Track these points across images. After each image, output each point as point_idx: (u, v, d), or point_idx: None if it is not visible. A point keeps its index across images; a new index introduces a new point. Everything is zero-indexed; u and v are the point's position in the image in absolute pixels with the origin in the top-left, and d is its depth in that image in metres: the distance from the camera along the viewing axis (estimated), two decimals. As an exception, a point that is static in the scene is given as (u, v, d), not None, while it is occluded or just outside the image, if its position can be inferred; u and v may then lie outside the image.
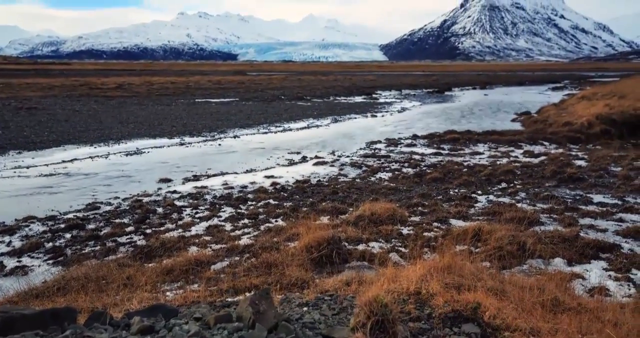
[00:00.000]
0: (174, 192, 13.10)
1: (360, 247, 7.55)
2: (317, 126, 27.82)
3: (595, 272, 6.50)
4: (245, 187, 13.62)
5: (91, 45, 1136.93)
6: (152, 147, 20.13)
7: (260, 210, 11.14)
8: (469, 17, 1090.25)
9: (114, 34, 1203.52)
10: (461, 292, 4.46)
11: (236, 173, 15.60)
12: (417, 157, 17.78)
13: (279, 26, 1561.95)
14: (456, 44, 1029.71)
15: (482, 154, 18.23)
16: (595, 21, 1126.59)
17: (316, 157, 18.14)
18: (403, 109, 38.71)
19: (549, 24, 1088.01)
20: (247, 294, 5.05)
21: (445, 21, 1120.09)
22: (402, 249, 7.60)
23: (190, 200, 12.17)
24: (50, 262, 8.22)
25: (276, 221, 10.15)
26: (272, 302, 4.02)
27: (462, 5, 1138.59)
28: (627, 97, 29.21)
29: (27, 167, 16.08)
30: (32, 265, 8.08)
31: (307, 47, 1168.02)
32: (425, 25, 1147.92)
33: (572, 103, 33.61)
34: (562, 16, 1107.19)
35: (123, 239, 9.28)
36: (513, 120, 30.42)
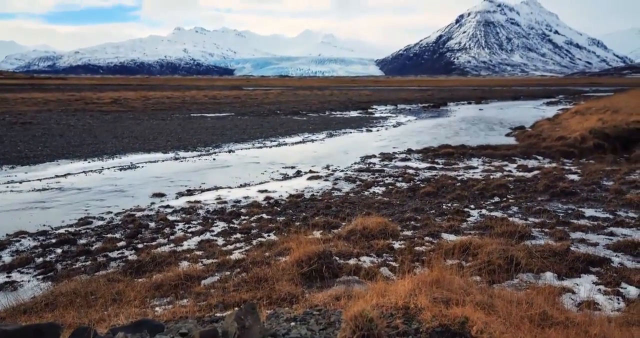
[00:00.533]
0: (167, 206, 13.07)
1: (352, 261, 7.53)
2: (312, 141, 27.87)
3: (585, 286, 6.48)
4: (239, 201, 13.62)
5: (88, 60, 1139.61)
6: (146, 162, 20.13)
7: (253, 224, 11.12)
8: (464, 32, 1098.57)
9: (111, 49, 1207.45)
10: (449, 307, 4.45)
11: (230, 187, 15.59)
12: (411, 171, 17.80)
13: (275, 41, 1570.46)
14: (452, 59, 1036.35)
15: (476, 168, 18.27)
16: (589, 37, 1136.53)
17: (310, 171, 18.15)
18: (398, 124, 38.85)
19: (544, 40, 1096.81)
20: (236, 309, 5.03)
21: (440, 36, 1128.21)
22: (393, 263, 7.59)
23: (183, 215, 12.16)
24: (40, 277, 8.17)
25: (268, 235, 10.13)
26: (258, 317, 4.01)
27: (457, 21, 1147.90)
28: (620, 112, 29.40)
29: (20, 182, 16.05)
30: (22, 281, 8.03)
31: (304, 62, 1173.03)
32: (421, 41, 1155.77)
33: (566, 117, 33.80)
34: (556, 32, 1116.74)
35: (114, 254, 9.24)
36: (507, 135, 30.54)
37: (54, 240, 10.07)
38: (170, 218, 11.87)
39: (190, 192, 14.88)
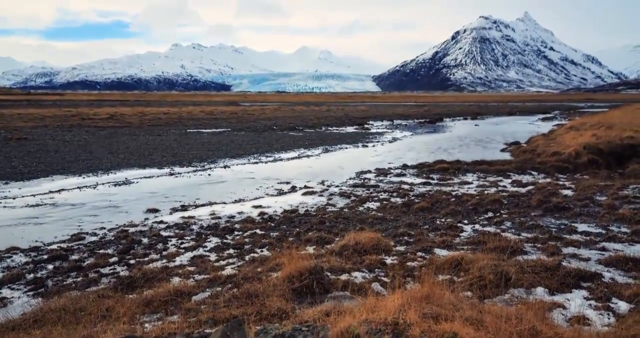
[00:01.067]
0: (161, 222, 13.05)
1: (343, 277, 7.51)
2: (308, 156, 27.91)
3: (575, 301, 6.47)
4: (233, 217, 13.60)
5: (85, 76, 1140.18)
6: (141, 177, 20.11)
7: (247, 240, 11.11)
8: (460, 48, 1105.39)
9: (108, 65, 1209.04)
10: (439, 322, 4.44)
11: (224, 203, 15.58)
12: (406, 186, 17.82)
13: (272, 57, 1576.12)
14: (448, 75, 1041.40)
15: (471, 183, 18.30)
16: (584, 53, 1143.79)
17: (305, 187, 18.15)
18: (394, 139, 38.96)
19: (539, 56, 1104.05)
20: (223, 326, 5.00)
21: (437, 53, 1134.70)
22: (385, 279, 7.57)
23: (177, 230, 12.13)
24: (31, 293, 8.13)
25: (261, 251, 10.12)
26: (244, 334, 4.00)
27: (453, 38, 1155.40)
28: (614, 128, 29.54)
29: (14, 198, 16.01)
30: (12, 297, 7.99)
31: (301, 78, 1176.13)
32: (417, 57, 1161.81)
33: (560, 133, 33.92)
34: (551, 48, 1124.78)
35: (106, 270, 9.21)
36: (502, 150, 30.65)
37: (45, 256, 10.03)
38: (164, 233, 11.84)
39: (184, 208, 14.86)
